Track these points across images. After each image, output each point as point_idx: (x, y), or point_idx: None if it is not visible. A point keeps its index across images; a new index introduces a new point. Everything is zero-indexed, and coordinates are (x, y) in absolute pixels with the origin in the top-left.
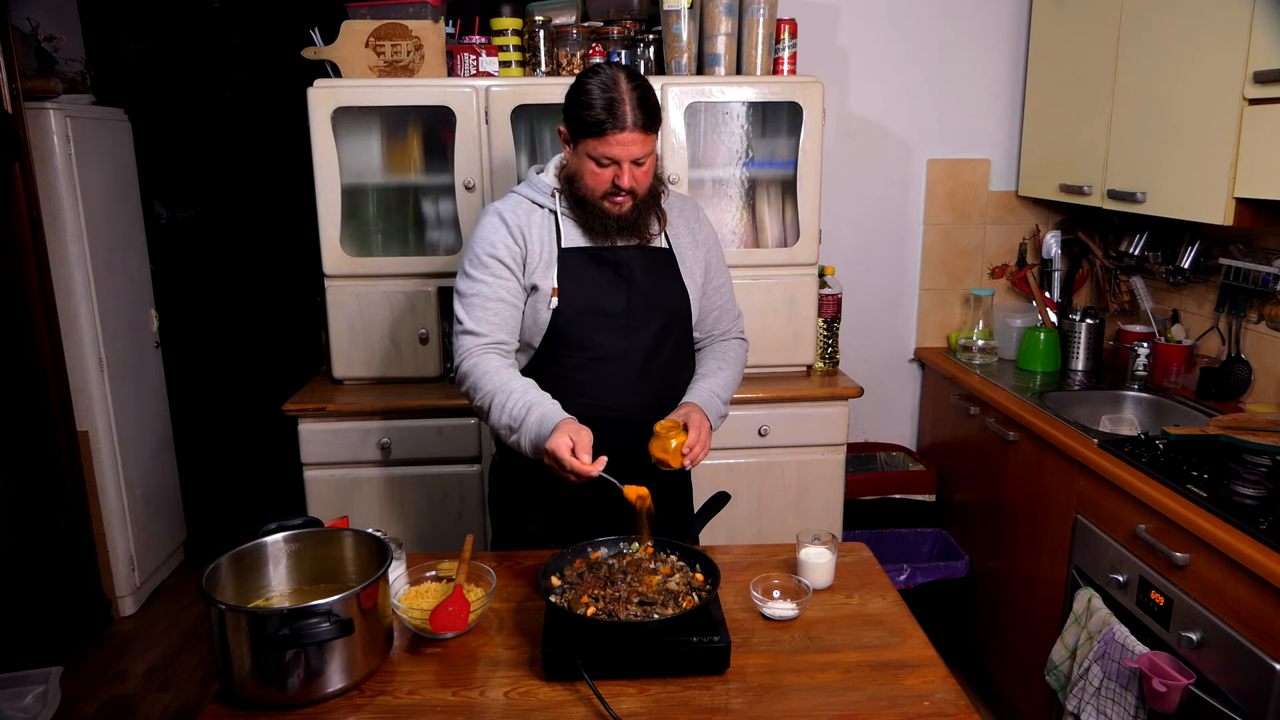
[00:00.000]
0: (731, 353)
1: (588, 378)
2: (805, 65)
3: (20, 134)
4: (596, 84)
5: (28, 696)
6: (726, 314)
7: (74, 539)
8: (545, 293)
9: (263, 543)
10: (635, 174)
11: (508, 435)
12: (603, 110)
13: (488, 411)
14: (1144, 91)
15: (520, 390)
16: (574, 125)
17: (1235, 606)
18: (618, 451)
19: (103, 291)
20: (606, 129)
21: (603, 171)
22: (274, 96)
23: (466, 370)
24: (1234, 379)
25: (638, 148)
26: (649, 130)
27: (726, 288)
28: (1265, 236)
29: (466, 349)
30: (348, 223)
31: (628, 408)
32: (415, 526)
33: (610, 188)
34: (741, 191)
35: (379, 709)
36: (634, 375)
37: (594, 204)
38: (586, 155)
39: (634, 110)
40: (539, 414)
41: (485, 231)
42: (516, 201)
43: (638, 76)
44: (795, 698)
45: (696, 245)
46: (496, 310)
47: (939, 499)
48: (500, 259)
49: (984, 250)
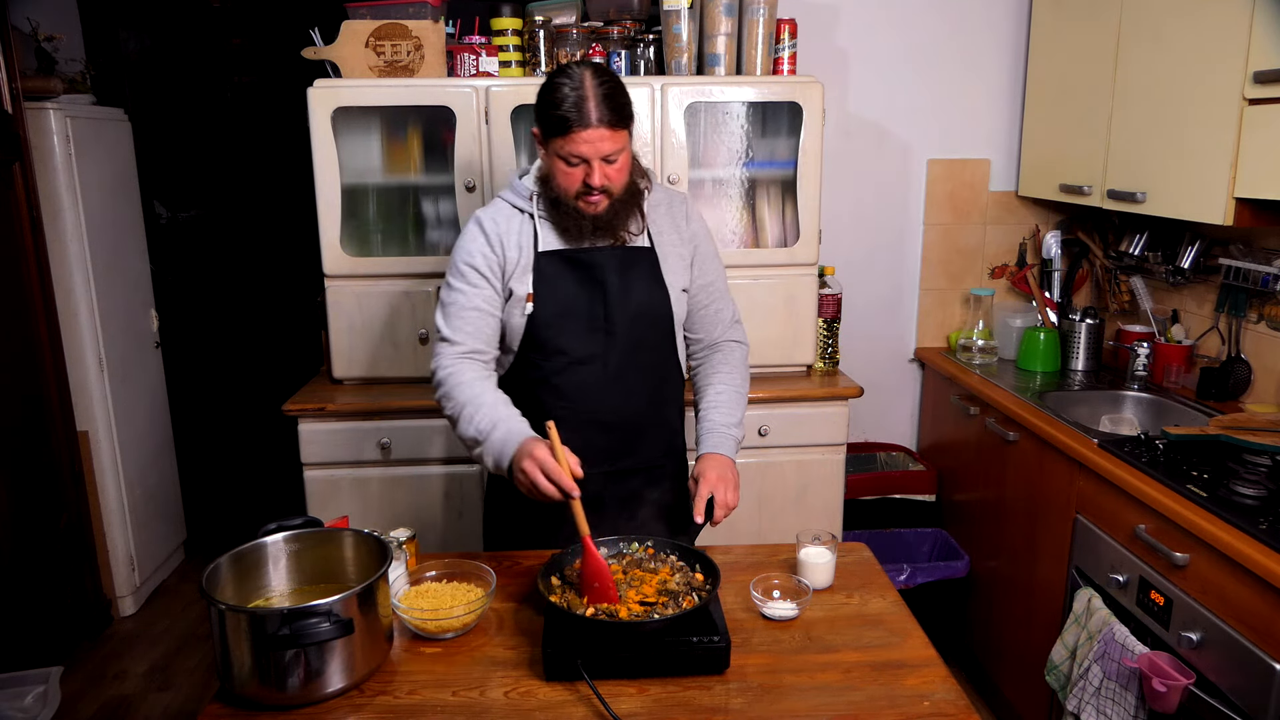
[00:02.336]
0: (728, 365)
1: (565, 381)
2: (805, 65)
3: (20, 134)
4: (563, 82)
5: (28, 696)
6: (720, 314)
7: (74, 539)
8: (521, 298)
9: (263, 543)
10: (606, 172)
11: (473, 447)
12: (570, 108)
13: (457, 422)
14: (1144, 91)
15: (490, 404)
16: (544, 125)
17: (1235, 606)
18: (599, 455)
19: (103, 291)
20: (573, 126)
21: (573, 170)
22: (274, 96)
23: (441, 378)
24: (1234, 379)
25: (606, 144)
26: (617, 126)
27: (718, 285)
28: (1265, 236)
29: (443, 359)
30: (348, 223)
31: (608, 411)
32: (415, 526)
33: (582, 187)
34: (741, 191)
35: (379, 709)
36: (612, 378)
37: (568, 204)
38: (556, 154)
39: (599, 107)
40: (504, 431)
41: (465, 240)
42: (498, 208)
43: (606, 73)
44: (795, 698)
45: (682, 243)
46: (472, 319)
47: (939, 499)
48: (476, 268)
49: (984, 250)
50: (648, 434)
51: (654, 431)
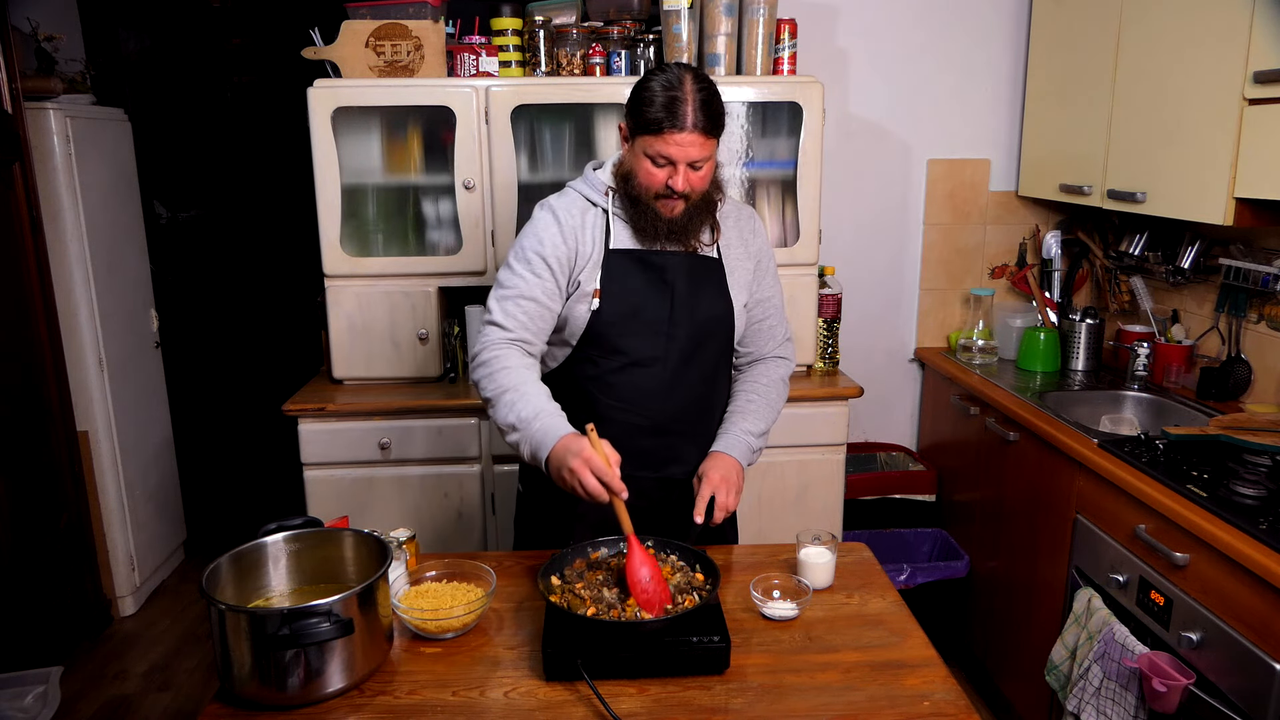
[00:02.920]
0: (768, 378)
1: (621, 381)
2: (805, 65)
3: (20, 134)
4: (660, 81)
5: (28, 696)
6: (774, 330)
7: (74, 539)
8: (587, 293)
9: (263, 543)
10: (691, 177)
11: (510, 433)
12: (663, 108)
13: (495, 405)
14: (1144, 91)
15: (534, 394)
16: (634, 121)
17: (1235, 606)
18: (643, 459)
19: (103, 291)
20: (665, 127)
21: (658, 171)
22: (274, 96)
23: (486, 359)
24: (1234, 379)
25: (695, 150)
26: (710, 134)
27: (774, 302)
28: (1265, 236)
29: (491, 340)
30: (348, 223)
31: (658, 414)
32: (415, 526)
33: (664, 189)
34: (741, 191)
35: (379, 709)
36: (668, 383)
37: (647, 204)
38: (643, 153)
39: (696, 111)
40: (545, 423)
41: (538, 228)
42: (572, 199)
43: (705, 79)
44: (795, 698)
45: (748, 257)
46: (527, 309)
47: (939, 499)
48: (545, 258)
49: (984, 250)
50: (692, 443)
51: (698, 442)
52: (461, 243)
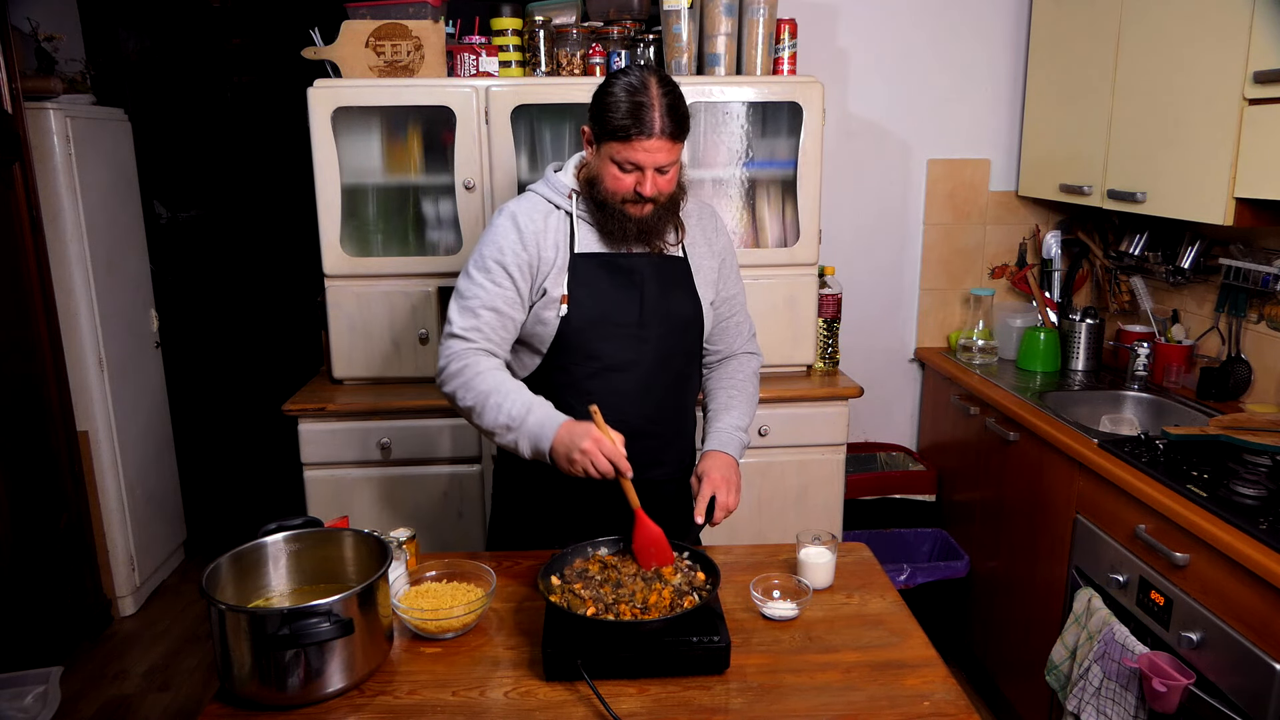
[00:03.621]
0: (743, 374)
1: (595, 387)
2: (805, 65)
3: (20, 134)
4: (625, 86)
5: (28, 696)
6: (740, 326)
7: (74, 539)
8: (555, 299)
9: (263, 543)
10: (658, 182)
11: (503, 434)
12: (629, 115)
13: (480, 412)
14: (1144, 91)
15: (518, 391)
16: (599, 126)
17: (1235, 606)
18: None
19: (103, 291)
20: (632, 134)
21: (625, 177)
22: (274, 96)
23: (455, 370)
24: (1234, 379)
25: (663, 155)
26: (676, 139)
27: (739, 299)
28: (1265, 236)
29: (455, 351)
30: (348, 223)
31: (635, 418)
32: (415, 526)
33: (631, 194)
34: (741, 191)
35: (379, 709)
36: (642, 386)
37: (614, 207)
38: (610, 159)
39: (663, 117)
40: (539, 415)
41: (496, 235)
42: (533, 203)
43: (669, 82)
44: (795, 698)
45: (712, 255)
46: (489, 319)
47: (939, 499)
48: (504, 265)
49: (984, 250)
50: (671, 445)
51: (677, 443)
52: (462, 243)
